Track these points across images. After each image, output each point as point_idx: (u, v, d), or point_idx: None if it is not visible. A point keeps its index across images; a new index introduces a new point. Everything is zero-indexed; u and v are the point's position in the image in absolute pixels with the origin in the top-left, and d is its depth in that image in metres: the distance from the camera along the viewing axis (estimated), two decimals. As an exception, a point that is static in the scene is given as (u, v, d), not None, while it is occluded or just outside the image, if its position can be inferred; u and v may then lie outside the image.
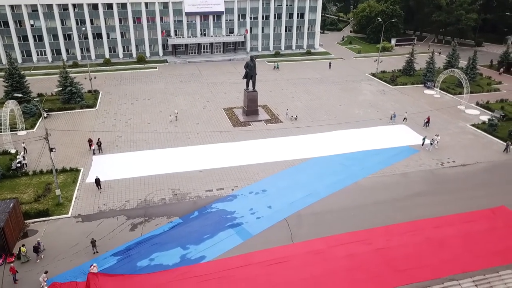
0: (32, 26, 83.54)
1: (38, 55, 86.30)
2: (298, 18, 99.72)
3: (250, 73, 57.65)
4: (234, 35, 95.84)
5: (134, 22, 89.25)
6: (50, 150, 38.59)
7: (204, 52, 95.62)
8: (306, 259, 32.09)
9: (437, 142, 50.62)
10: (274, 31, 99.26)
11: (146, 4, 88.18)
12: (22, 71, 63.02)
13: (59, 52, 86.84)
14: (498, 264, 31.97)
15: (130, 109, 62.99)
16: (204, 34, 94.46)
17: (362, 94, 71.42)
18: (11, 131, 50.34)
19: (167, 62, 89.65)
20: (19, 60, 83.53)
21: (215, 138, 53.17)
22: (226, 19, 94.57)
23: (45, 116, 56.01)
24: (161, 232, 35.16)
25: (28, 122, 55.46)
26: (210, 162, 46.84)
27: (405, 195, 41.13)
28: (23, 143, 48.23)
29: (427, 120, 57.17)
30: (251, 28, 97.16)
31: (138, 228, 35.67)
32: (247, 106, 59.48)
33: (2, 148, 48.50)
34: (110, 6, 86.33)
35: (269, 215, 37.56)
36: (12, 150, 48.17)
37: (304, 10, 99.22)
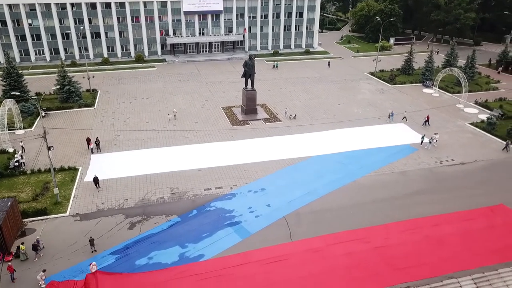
0: (30, 25, 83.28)
1: (36, 54, 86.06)
2: (296, 17, 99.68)
3: (249, 72, 57.56)
4: (232, 34, 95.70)
5: (133, 21, 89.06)
6: (48, 149, 38.46)
7: (202, 51, 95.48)
8: (305, 257, 32.04)
9: (435, 141, 50.61)
10: (273, 30, 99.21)
11: (145, 3, 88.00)
12: (20, 70, 62.83)
13: (57, 51, 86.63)
14: (497, 262, 31.98)
15: (129, 108, 62.85)
16: (203, 33, 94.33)
17: (361, 93, 71.39)
18: (9, 130, 50.17)
19: (165, 61, 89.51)
20: (17, 60, 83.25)
21: (213, 137, 53.07)
22: (225, 18, 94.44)
23: (43, 115, 55.94)
24: (159, 230, 35.05)
25: (26, 121, 55.27)
26: (209, 160, 46.75)
27: (404, 194, 41.08)
28: (21, 142, 48.09)
29: (426, 119, 57.16)
30: (249, 27, 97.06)
31: (137, 226, 35.56)
32: (246, 105, 59.40)
33: (0, 147, 48.32)
34: (108, 5, 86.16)
35: (268, 214, 37.48)
36: (10, 149, 47.99)
37: (303, 9, 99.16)
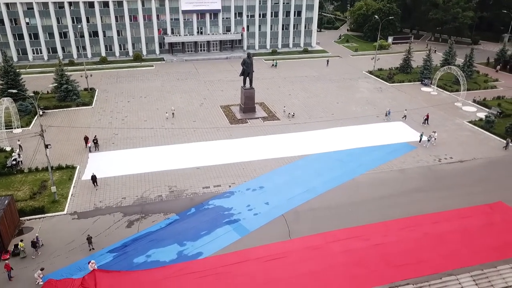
0: (27, 24, 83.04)
1: (33, 53, 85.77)
2: (295, 16, 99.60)
3: (247, 70, 57.43)
4: (231, 33, 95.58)
5: (131, 20, 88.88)
6: (46, 147, 38.25)
7: (201, 50, 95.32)
8: (304, 255, 31.95)
9: (434, 139, 50.59)
10: (271, 29, 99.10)
11: (143, 2, 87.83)
12: (18, 70, 62.60)
13: (55, 50, 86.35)
14: (496, 259, 31.89)
15: (127, 106, 62.67)
16: (201, 32, 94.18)
17: (359, 91, 71.35)
18: (6, 128, 49.98)
19: (163, 60, 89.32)
20: (15, 59, 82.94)
21: (212, 135, 52.95)
22: (223, 17, 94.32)
23: (40, 114, 55.73)
24: (157, 228, 34.93)
25: (23, 120, 55.03)
26: (207, 159, 46.62)
27: (402, 191, 41.04)
28: (19, 141, 47.90)
29: (426, 117, 57.12)
30: (248, 26, 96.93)
31: (135, 224, 35.42)
32: (244, 104, 59.28)
33: (-3, 145, 48.18)
34: (106, 4, 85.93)
35: (266, 212, 37.39)
36: (8, 148, 47.79)
37: (301, 8, 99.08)
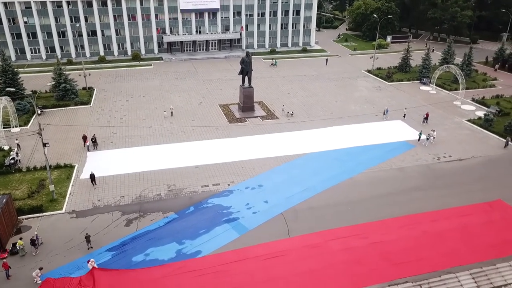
0: (25, 23, 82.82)
1: (32, 52, 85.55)
2: (293, 15, 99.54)
3: (246, 69, 57.33)
4: (229, 33, 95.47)
5: (129, 19, 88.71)
6: (44, 145, 38.13)
7: (199, 49, 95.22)
8: (303, 253, 31.88)
9: (433, 138, 50.57)
10: (270, 28, 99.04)
11: (141, 1, 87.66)
12: (16, 69, 62.40)
13: (53, 49, 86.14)
14: (495, 257, 31.92)
15: (125, 106, 62.52)
16: (200, 32, 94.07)
17: (358, 90, 71.32)
18: (4, 128, 49.78)
19: (162, 60, 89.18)
20: (13, 58, 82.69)
21: (210, 134, 52.86)
22: (222, 16, 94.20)
23: (38, 113, 55.51)
24: (156, 227, 34.82)
25: (21, 119, 54.86)
26: (206, 157, 46.51)
27: (401, 190, 40.99)
28: (17, 140, 47.76)
29: (426, 116, 57.09)
30: (246, 26, 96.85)
31: (133, 223, 35.30)
32: (243, 103, 59.18)
33: (-5, 144, 48.01)
34: (104, 3, 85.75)
35: (265, 210, 37.30)
36: (5, 147, 47.61)
37: (300, 7, 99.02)
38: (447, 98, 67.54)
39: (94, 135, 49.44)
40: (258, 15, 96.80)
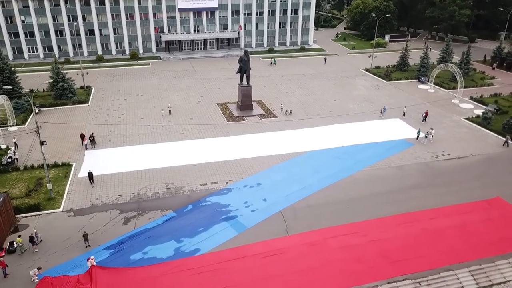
0: (23, 22, 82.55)
1: (29, 51, 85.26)
2: (292, 14, 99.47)
3: (244, 67, 57.22)
4: (227, 32, 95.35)
5: (127, 18, 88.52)
6: (41, 144, 37.97)
7: (197, 48, 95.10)
8: (302, 251, 31.81)
9: (432, 136, 50.56)
10: (268, 27, 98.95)
11: (139, 0, 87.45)
12: (13, 68, 62.15)
13: (50, 48, 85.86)
14: (494, 254, 31.94)
15: (123, 104, 62.34)
16: (198, 31, 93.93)
17: (357, 89, 71.29)
18: (1, 126, 49.65)
19: (160, 59, 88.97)
20: (10, 57, 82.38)
21: (209, 133, 52.74)
22: (220, 15, 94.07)
23: (36, 111, 55.33)
24: (154, 225, 34.70)
25: (19, 118, 54.62)
26: (204, 156, 46.38)
27: (400, 188, 40.95)
28: (14, 138, 47.55)
29: (425, 114, 57.07)
30: (245, 25, 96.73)
31: (131, 221, 35.17)
32: (242, 101, 59.06)
33: (-7, 143, 47.79)
34: (102, 2, 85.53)
35: (264, 208, 37.21)
36: (3, 146, 47.38)
37: (298, 6, 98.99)
38: (445, 97, 67.57)
39: (93, 133, 49.30)
40: (256, 14, 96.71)
